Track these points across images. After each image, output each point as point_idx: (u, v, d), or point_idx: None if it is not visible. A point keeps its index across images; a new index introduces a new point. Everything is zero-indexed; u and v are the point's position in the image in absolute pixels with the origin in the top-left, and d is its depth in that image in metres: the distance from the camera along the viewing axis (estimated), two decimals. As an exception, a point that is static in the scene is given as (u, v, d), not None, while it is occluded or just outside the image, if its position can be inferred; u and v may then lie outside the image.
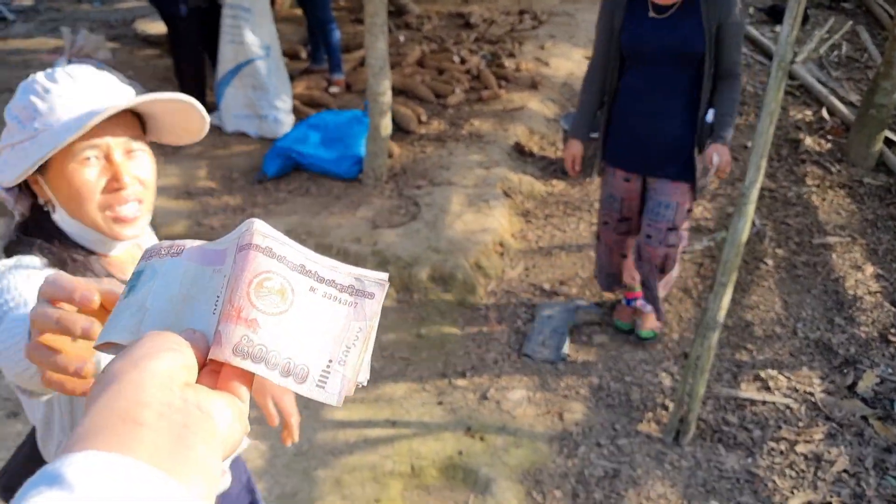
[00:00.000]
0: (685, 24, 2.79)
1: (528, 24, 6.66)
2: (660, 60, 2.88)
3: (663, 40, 2.84)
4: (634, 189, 3.16)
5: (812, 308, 3.66)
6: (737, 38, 2.82)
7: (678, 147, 2.97)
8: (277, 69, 4.82)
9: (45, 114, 1.20)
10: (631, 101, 3.01)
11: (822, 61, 6.20)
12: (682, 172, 3.01)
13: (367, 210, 4.02)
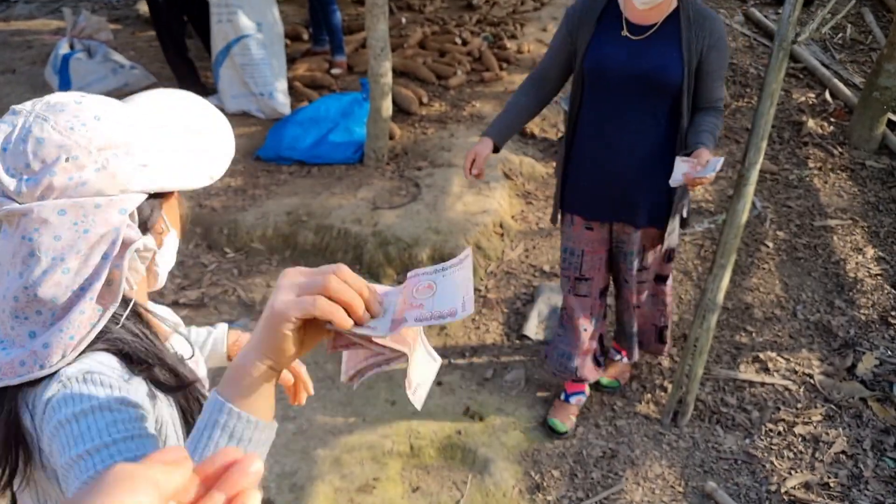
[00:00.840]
0: (662, 48, 2.37)
1: (530, 5, 6.61)
2: (629, 89, 2.42)
3: (635, 65, 2.38)
4: (598, 239, 2.71)
5: (812, 290, 3.66)
6: (721, 69, 2.42)
7: (647, 190, 2.54)
8: (270, 45, 4.78)
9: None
10: (593, 135, 2.54)
11: (827, 43, 6.16)
12: (652, 220, 2.61)
13: (367, 191, 4.02)
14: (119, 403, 0.96)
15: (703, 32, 2.34)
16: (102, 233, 0.96)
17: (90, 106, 0.99)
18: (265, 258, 3.77)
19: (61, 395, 0.95)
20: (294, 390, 1.38)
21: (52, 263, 0.95)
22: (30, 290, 0.95)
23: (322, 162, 4.29)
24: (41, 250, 0.95)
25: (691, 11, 2.36)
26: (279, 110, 4.71)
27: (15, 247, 0.96)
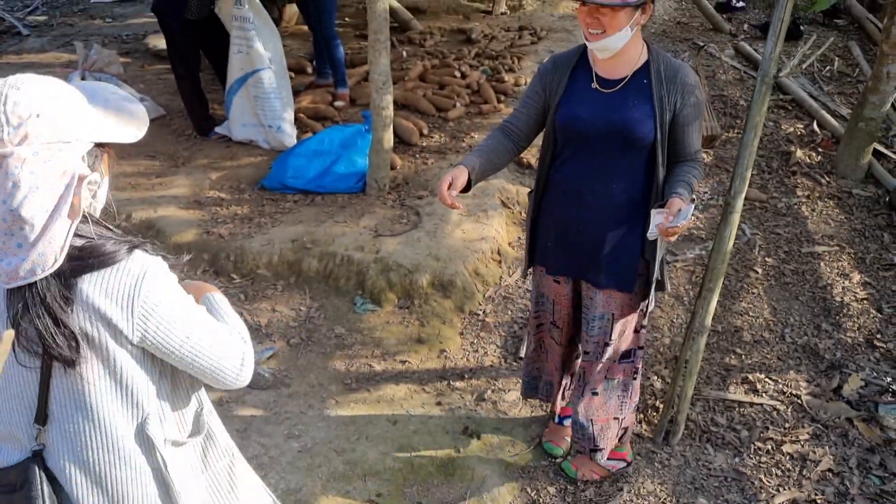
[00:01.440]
0: (633, 102, 2.30)
1: (528, 39, 6.82)
2: (601, 144, 2.36)
3: (605, 119, 2.32)
4: (564, 294, 2.69)
5: (800, 314, 3.78)
6: (697, 121, 2.35)
7: (617, 251, 2.48)
8: (282, 81, 4.96)
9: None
10: (562, 192, 2.49)
11: (815, 76, 6.35)
12: (621, 283, 2.53)
13: (370, 219, 4.16)
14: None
15: (675, 87, 2.29)
16: (65, 169, 1.33)
17: (51, 81, 1.37)
18: (271, 284, 3.89)
19: (152, 284, 1.44)
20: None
21: (30, 190, 1.29)
22: (14, 212, 1.29)
23: (326, 191, 4.44)
24: (21, 181, 1.29)
25: (662, 65, 2.31)
26: (285, 143, 4.87)
27: (0, 182, 1.29)
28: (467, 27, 7.08)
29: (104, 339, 1.42)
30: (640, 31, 2.32)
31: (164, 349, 1.47)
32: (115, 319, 1.40)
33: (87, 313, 1.39)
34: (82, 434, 1.47)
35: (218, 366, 1.54)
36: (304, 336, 3.59)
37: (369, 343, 3.54)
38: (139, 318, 1.42)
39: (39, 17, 8.15)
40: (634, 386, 2.77)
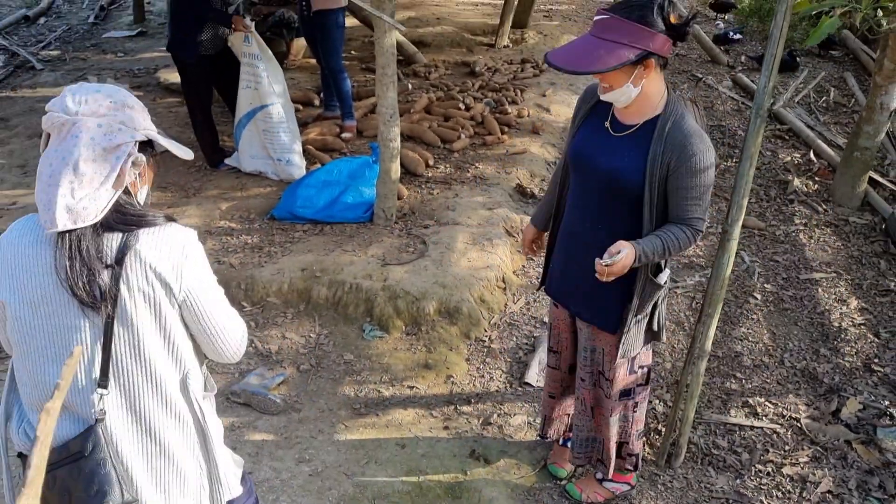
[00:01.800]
0: (630, 151, 2.32)
1: (530, 72, 6.97)
2: (595, 184, 2.42)
3: (601, 161, 2.38)
4: (562, 318, 2.78)
5: (798, 339, 3.87)
6: (692, 190, 2.29)
7: (600, 290, 2.48)
8: (289, 114, 5.10)
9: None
10: (565, 220, 2.60)
11: (811, 106, 6.49)
12: (602, 322, 2.58)
13: (377, 248, 4.27)
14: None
15: (674, 149, 2.25)
16: (119, 143, 1.60)
17: (127, 91, 1.70)
18: (280, 312, 3.99)
19: (197, 251, 1.71)
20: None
21: (89, 152, 1.57)
22: (72, 167, 1.56)
23: (334, 221, 4.55)
24: (82, 144, 1.57)
25: (670, 124, 2.27)
26: (294, 174, 4.99)
27: (65, 145, 1.57)
28: (471, 60, 7.24)
29: (158, 296, 1.64)
30: (659, 83, 2.31)
31: (196, 311, 1.71)
32: (167, 278, 1.64)
33: (144, 271, 1.62)
34: (138, 388, 1.68)
35: (227, 337, 1.79)
36: (313, 362, 3.68)
37: (378, 369, 3.63)
38: (186, 279, 1.67)
39: (53, 52, 8.34)
40: (636, 417, 2.81)
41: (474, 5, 9.20)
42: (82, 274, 1.58)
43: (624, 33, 2.15)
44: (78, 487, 1.62)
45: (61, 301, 1.62)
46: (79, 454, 1.63)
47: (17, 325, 1.65)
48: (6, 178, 5.29)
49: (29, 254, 1.63)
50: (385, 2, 4.01)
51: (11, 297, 1.63)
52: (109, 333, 1.62)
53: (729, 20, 9.11)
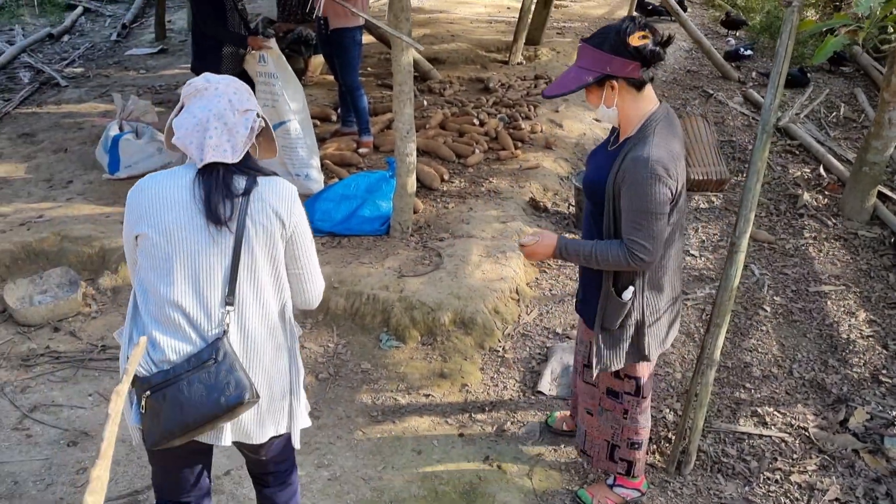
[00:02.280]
0: (608, 166, 2.47)
1: (543, 88, 7.09)
2: (586, 192, 2.62)
3: (589, 171, 2.62)
4: (580, 324, 2.97)
5: (807, 350, 3.93)
6: (632, 213, 2.38)
7: (586, 290, 2.73)
8: (307, 130, 5.23)
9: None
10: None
11: (822, 121, 6.56)
12: (584, 313, 2.78)
13: (394, 260, 4.38)
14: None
15: (626, 171, 2.36)
16: (248, 108, 2.02)
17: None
18: (300, 322, 4.09)
19: (299, 200, 2.07)
20: None
21: (231, 109, 1.98)
22: (219, 117, 1.96)
23: (352, 234, 4.67)
24: (225, 102, 1.98)
25: (630, 146, 2.39)
26: (313, 189, 5.12)
27: (208, 101, 1.98)
28: (485, 76, 7.37)
29: (273, 229, 2.00)
30: (639, 104, 2.43)
31: (298, 248, 2.07)
32: (281, 214, 2.01)
33: (263, 207, 1.99)
34: (250, 308, 2.02)
35: (314, 278, 2.15)
36: (332, 371, 3.78)
37: (394, 378, 3.73)
38: (294, 216, 2.04)
39: (77, 69, 8.54)
40: (626, 425, 2.86)
41: (488, 23, 9.34)
42: (219, 199, 1.94)
43: (587, 59, 2.38)
44: (214, 389, 1.92)
45: (195, 228, 1.95)
46: (212, 361, 1.94)
47: (154, 251, 1.97)
48: (33, 191, 5.44)
49: (167, 194, 1.97)
50: (402, 21, 4.14)
51: (151, 230, 1.96)
52: (238, 255, 1.96)
53: (740, 37, 9.21)
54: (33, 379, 3.74)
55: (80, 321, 4.19)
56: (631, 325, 2.59)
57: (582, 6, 10.24)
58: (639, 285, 2.54)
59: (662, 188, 2.32)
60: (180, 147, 1.98)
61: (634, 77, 2.37)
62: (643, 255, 2.37)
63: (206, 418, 1.94)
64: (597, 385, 2.87)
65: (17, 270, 4.56)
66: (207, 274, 1.97)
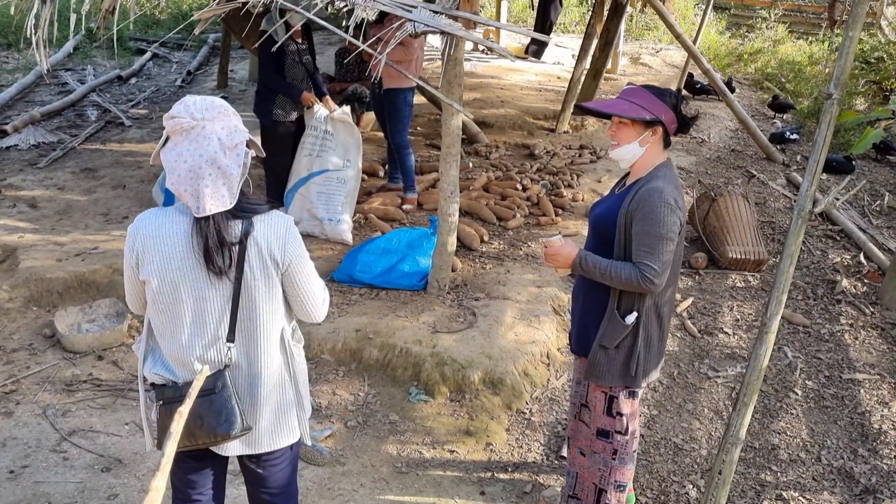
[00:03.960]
0: (617, 202, 2.71)
1: (587, 158, 7.23)
2: (591, 229, 2.84)
3: (598, 210, 2.83)
4: (576, 363, 3.06)
5: (837, 437, 3.90)
6: (643, 237, 2.59)
7: (584, 326, 2.85)
8: (348, 182, 5.45)
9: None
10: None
11: (865, 209, 6.57)
12: (583, 351, 2.87)
13: (429, 316, 4.47)
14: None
15: (639, 201, 2.60)
16: (238, 142, 2.04)
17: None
18: (333, 369, 4.20)
19: (295, 232, 2.18)
20: None
21: (223, 150, 2.00)
22: (211, 162, 1.99)
23: (390, 287, 4.79)
24: (215, 143, 1.99)
25: (643, 182, 2.65)
26: (344, 234, 5.32)
27: (198, 144, 1.98)
28: (531, 143, 7.55)
29: (269, 268, 2.12)
30: (658, 155, 2.71)
31: (294, 277, 2.18)
32: (275, 253, 2.12)
33: (259, 250, 2.10)
34: (252, 341, 2.18)
35: (314, 299, 2.25)
36: (360, 419, 3.85)
37: (420, 431, 3.79)
38: (288, 252, 2.14)
39: (141, 111, 8.94)
40: (614, 466, 2.92)
41: (538, 91, 9.58)
42: (216, 251, 2.04)
43: (644, 99, 2.66)
44: (210, 415, 2.11)
45: (197, 277, 2.08)
46: (211, 391, 2.11)
47: (159, 297, 2.10)
48: (91, 224, 5.69)
49: (169, 242, 2.07)
50: (454, 87, 4.32)
51: (155, 277, 2.08)
52: (237, 300, 2.10)
53: (787, 120, 9.29)
54: (74, 404, 3.88)
55: (123, 351, 4.35)
56: (625, 346, 2.74)
57: (631, 80, 10.44)
58: (641, 312, 2.71)
59: (672, 216, 2.58)
60: (174, 192, 2.04)
61: (671, 133, 2.70)
62: (652, 277, 2.57)
63: (198, 440, 2.14)
64: (589, 425, 2.95)
65: (68, 298, 4.76)
66: (211, 315, 2.12)
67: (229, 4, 3.55)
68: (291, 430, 2.33)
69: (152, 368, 2.23)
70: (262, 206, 2.14)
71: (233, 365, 2.18)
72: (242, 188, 2.09)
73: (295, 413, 2.33)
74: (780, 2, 13.59)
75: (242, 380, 2.21)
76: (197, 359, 2.15)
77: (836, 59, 2.90)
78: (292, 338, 2.31)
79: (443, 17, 3.77)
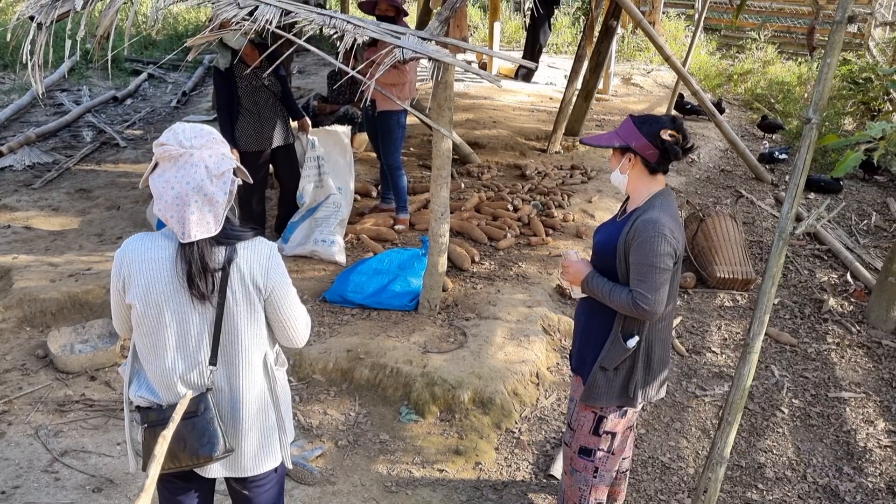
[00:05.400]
0: (617, 231, 2.78)
1: (578, 178, 7.30)
2: (594, 255, 2.91)
3: (598, 237, 2.92)
4: (573, 382, 3.09)
5: (823, 456, 3.94)
6: (639, 266, 2.66)
7: (584, 348, 2.91)
8: (345, 206, 5.53)
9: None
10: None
11: (852, 229, 6.65)
12: (577, 365, 2.97)
13: (420, 336, 4.51)
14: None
15: (636, 231, 2.67)
16: (225, 170, 2.09)
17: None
18: (324, 389, 4.23)
19: (278, 259, 2.22)
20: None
21: (210, 178, 2.05)
22: (198, 189, 2.03)
23: (382, 307, 4.83)
24: (202, 170, 2.04)
25: (640, 212, 2.72)
26: (337, 255, 5.37)
27: (186, 172, 2.03)
28: (522, 163, 7.62)
29: (252, 294, 2.17)
30: (646, 184, 2.77)
31: (276, 304, 2.22)
32: (258, 280, 2.17)
33: (242, 277, 2.15)
34: (234, 365, 2.21)
35: (297, 325, 2.29)
36: (351, 439, 3.88)
37: (411, 450, 3.82)
38: (270, 279, 2.18)
39: (136, 131, 9.01)
40: (594, 484, 2.98)
41: (530, 112, 9.67)
42: (200, 277, 2.09)
43: (625, 129, 2.76)
44: (192, 438, 2.14)
45: (180, 301, 2.12)
46: (193, 413, 2.15)
47: (143, 320, 2.14)
48: (85, 244, 5.73)
49: (153, 267, 2.11)
50: (444, 110, 4.39)
51: (140, 301, 2.12)
52: (219, 324, 2.14)
53: (776, 140, 9.40)
54: (66, 424, 3.91)
55: (115, 372, 4.37)
56: (625, 368, 2.80)
57: (622, 100, 10.55)
58: (643, 335, 2.77)
59: (666, 246, 2.64)
60: (161, 218, 2.09)
61: (650, 160, 2.73)
62: (644, 304, 2.64)
63: (181, 462, 2.18)
64: (570, 445, 3.00)
65: (62, 319, 4.79)
66: (194, 339, 2.16)
67: (221, 31, 3.62)
68: (274, 454, 2.36)
69: (137, 391, 2.27)
70: (247, 233, 2.18)
71: (215, 388, 2.22)
72: (227, 215, 2.12)
73: (277, 437, 2.36)
74: (770, 23, 13.76)
75: (225, 403, 2.24)
76: (180, 381, 2.18)
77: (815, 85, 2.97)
78: (275, 362, 2.35)
79: (431, 43, 3.84)
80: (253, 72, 5.20)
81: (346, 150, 5.60)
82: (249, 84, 5.29)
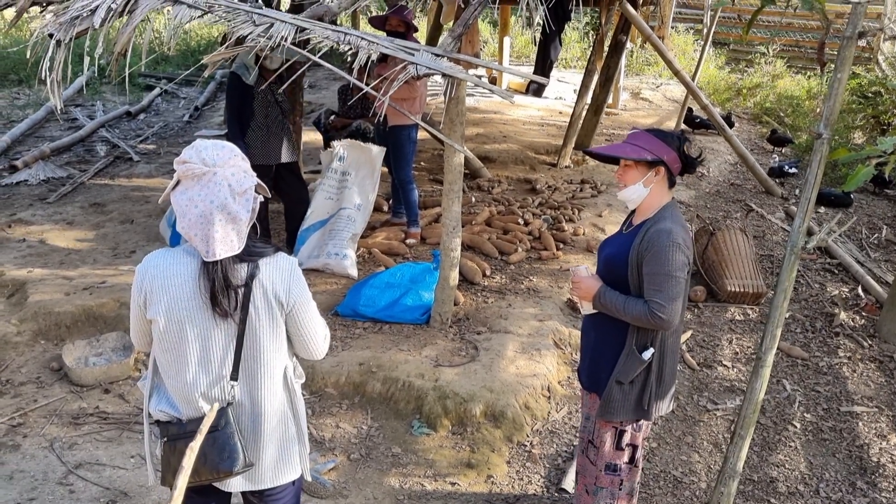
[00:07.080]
0: (626, 243, 2.79)
1: (588, 192, 7.33)
2: (601, 270, 2.90)
3: (606, 250, 2.91)
4: (585, 402, 3.10)
5: (835, 471, 3.93)
6: (654, 276, 2.67)
7: (597, 363, 2.90)
8: (360, 221, 5.55)
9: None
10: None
11: (863, 242, 6.64)
12: (596, 388, 2.93)
13: (431, 350, 4.54)
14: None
15: (648, 242, 2.68)
16: (248, 187, 2.11)
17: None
18: (336, 402, 4.25)
19: (300, 274, 2.26)
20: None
21: (233, 196, 2.07)
22: (222, 208, 2.05)
23: (393, 321, 4.86)
24: (226, 188, 2.06)
25: (651, 223, 2.73)
26: (349, 269, 5.40)
27: (209, 190, 2.04)
28: (533, 178, 7.65)
29: (274, 312, 2.19)
30: (663, 195, 2.78)
31: (297, 318, 2.25)
32: (280, 295, 2.19)
33: (264, 293, 2.17)
34: (256, 379, 2.24)
35: (316, 338, 2.32)
36: (363, 452, 3.90)
37: (423, 464, 3.83)
38: (293, 294, 2.21)
39: (149, 146, 9.09)
40: (619, 496, 2.99)
41: (540, 126, 9.72)
42: (223, 294, 2.11)
43: (647, 142, 2.76)
44: (213, 452, 2.16)
45: (203, 318, 2.14)
46: (214, 428, 2.16)
47: (166, 336, 2.16)
48: (99, 258, 5.78)
49: (175, 283, 2.13)
50: (456, 125, 4.43)
51: (162, 317, 2.13)
52: (241, 340, 2.16)
53: (786, 154, 9.40)
54: (81, 437, 3.94)
55: (129, 385, 4.41)
56: (639, 381, 2.81)
57: (631, 115, 10.59)
58: (657, 347, 2.77)
59: (681, 255, 2.66)
60: (184, 236, 2.10)
61: (674, 173, 2.78)
62: (661, 314, 2.64)
63: (201, 476, 2.18)
64: (595, 463, 2.98)
65: (76, 332, 4.83)
66: (217, 355, 2.18)
67: (237, 48, 3.67)
68: (293, 466, 2.38)
69: (157, 405, 2.28)
70: (268, 249, 2.20)
71: (236, 403, 2.23)
72: (249, 232, 2.14)
73: (297, 449, 2.38)
74: (779, 37, 13.79)
75: (245, 417, 2.26)
76: (201, 396, 2.20)
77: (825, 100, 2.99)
78: (294, 374, 2.38)
79: (444, 59, 3.89)
80: (269, 87, 5.28)
81: (375, 169, 5.66)
82: (265, 99, 5.38)
